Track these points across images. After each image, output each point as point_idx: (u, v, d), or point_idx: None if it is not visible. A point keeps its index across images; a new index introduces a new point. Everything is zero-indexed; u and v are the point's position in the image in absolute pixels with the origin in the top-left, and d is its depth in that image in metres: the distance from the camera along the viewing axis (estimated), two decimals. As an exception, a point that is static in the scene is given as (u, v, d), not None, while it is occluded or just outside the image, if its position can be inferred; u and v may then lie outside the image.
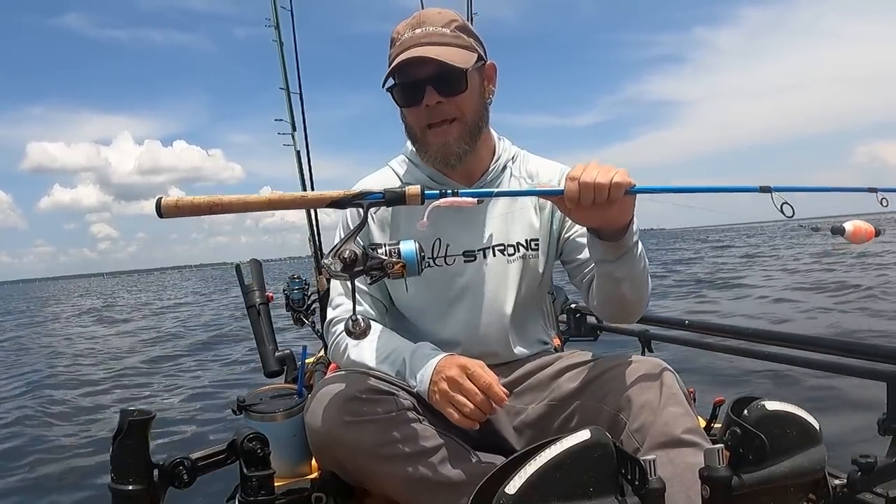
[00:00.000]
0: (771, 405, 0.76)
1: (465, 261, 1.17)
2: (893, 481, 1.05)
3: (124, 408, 0.80)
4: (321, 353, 2.08)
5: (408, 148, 1.23)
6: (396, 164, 1.25)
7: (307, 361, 1.92)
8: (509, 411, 1.13)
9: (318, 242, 2.50)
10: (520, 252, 1.19)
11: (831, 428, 0.94)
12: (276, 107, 2.50)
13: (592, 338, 2.16)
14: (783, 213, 0.88)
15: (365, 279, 0.85)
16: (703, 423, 1.31)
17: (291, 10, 2.50)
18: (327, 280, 2.07)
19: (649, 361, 1.04)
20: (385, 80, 1.11)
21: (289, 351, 1.74)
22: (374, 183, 1.22)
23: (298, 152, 2.51)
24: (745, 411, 0.75)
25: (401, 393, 1.02)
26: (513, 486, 0.63)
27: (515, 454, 0.73)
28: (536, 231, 1.20)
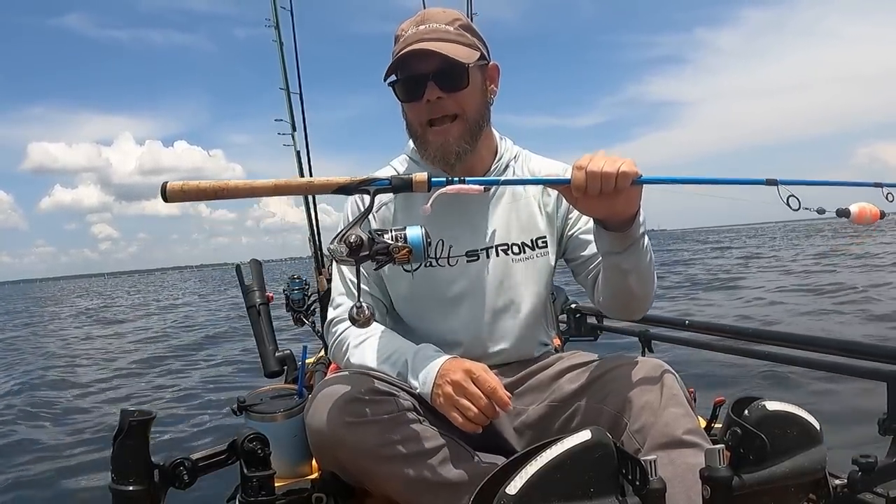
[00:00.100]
0: (771, 405, 0.76)
1: (467, 261, 1.17)
2: (894, 481, 1.05)
3: (124, 408, 0.80)
4: (321, 353, 2.08)
5: (409, 147, 1.23)
6: (398, 162, 1.25)
7: (307, 361, 1.92)
8: (510, 412, 1.13)
9: (318, 243, 2.50)
10: (525, 252, 1.19)
11: (832, 428, 0.94)
12: (277, 107, 2.51)
13: (592, 338, 2.16)
14: (789, 206, 0.88)
15: (371, 265, 0.85)
16: (703, 423, 1.31)
17: (291, 11, 2.51)
18: (327, 280, 2.07)
19: (650, 362, 1.04)
20: (387, 75, 1.11)
21: (289, 351, 1.74)
22: None
23: (298, 152, 2.52)
24: (746, 411, 0.75)
25: (401, 394, 1.02)
26: (513, 487, 0.63)
27: (516, 455, 0.73)
28: (541, 230, 1.20)
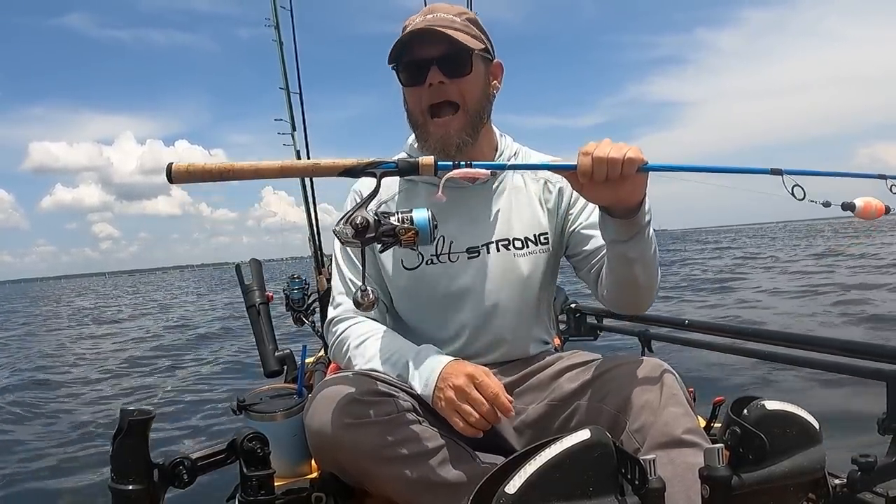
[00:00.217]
0: (771, 405, 0.76)
1: (468, 257, 1.17)
2: (893, 481, 1.05)
3: (124, 407, 0.80)
4: (321, 352, 2.08)
5: (408, 143, 1.23)
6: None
7: (307, 361, 1.92)
8: (511, 416, 1.13)
9: (318, 242, 2.50)
10: (528, 247, 1.18)
11: (831, 427, 0.94)
12: (277, 107, 2.51)
13: (592, 337, 2.15)
14: (793, 196, 0.89)
15: (375, 247, 0.84)
16: (703, 423, 1.31)
17: (291, 11, 2.51)
18: (327, 280, 2.07)
19: (650, 362, 1.04)
20: (391, 59, 1.11)
21: (289, 350, 1.75)
22: None
23: (298, 152, 2.51)
24: (745, 411, 0.75)
25: (401, 394, 1.01)
26: (513, 486, 0.63)
27: (515, 454, 0.72)
28: (544, 225, 1.20)
